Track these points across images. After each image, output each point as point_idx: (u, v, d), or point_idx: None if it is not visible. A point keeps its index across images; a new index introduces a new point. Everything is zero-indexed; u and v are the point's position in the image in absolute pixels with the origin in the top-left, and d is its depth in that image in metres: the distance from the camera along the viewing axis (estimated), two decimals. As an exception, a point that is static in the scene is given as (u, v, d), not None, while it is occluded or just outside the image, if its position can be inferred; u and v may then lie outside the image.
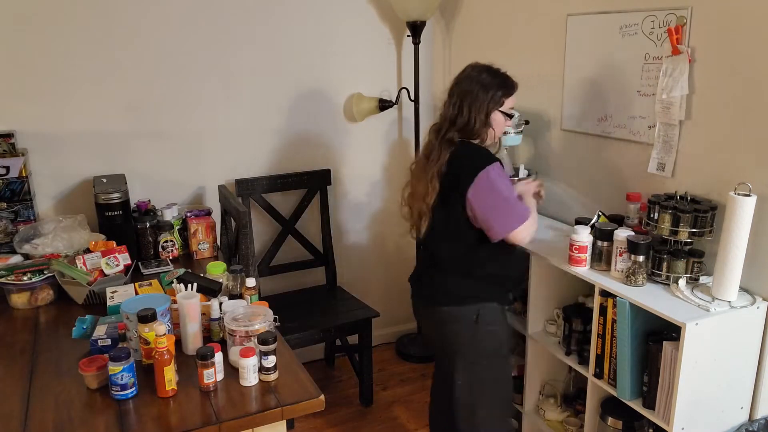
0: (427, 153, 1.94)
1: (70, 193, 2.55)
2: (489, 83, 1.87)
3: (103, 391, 1.52)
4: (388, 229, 3.28)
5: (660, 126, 1.96)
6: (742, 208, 1.61)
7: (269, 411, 1.44)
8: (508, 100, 1.91)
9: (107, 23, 2.46)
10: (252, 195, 2.85)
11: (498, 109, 1.90)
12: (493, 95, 1.87)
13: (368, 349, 2.77)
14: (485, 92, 1.86)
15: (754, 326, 1.71)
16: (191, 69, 2.65)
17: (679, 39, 1.85)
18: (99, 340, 1.66)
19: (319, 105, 2.95)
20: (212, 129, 2.75)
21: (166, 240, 2.45)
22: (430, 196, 1.88)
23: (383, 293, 3.33)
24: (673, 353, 1.64)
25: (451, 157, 1.87)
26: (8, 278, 2.02)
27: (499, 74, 1.91)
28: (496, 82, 1.88)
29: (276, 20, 2.76)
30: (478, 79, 1.88)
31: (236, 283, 1.86)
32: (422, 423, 2.72)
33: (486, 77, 1.88)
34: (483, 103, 1.86)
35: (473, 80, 1.88)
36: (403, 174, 3.21)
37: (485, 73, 1.89)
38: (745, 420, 1.78)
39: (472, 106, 1.86)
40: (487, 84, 1.87)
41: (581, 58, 2.27)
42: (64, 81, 2.45)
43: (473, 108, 1.86)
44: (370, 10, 2.96)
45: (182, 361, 1.62)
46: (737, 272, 1.66)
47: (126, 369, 1.47)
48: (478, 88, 1.86)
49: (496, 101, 1.88)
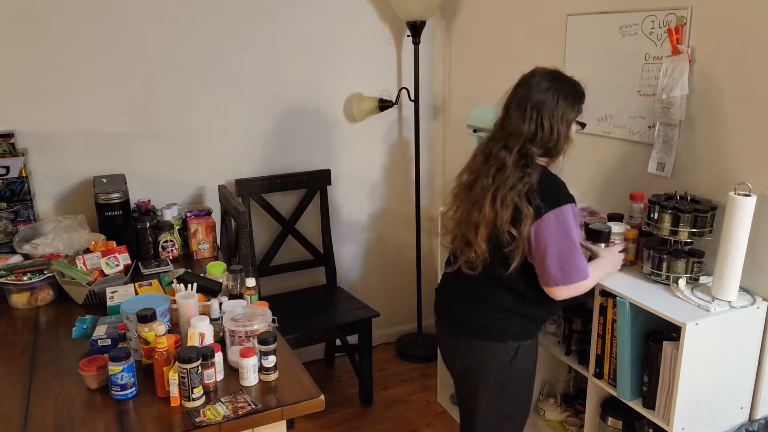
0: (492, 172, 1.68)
1: (70, 193, 2.55)
2: (567, 92, 1.68)
3: (103, 391, 1.53)
4: (388, 229, 3.28)
5: (660, 126, 1.96)
6: (742, 208, 1.60)
7: (269, 411, 1.44)
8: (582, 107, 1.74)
9: (107, 23, 2.46)
10: (252, 195, 2.85)
11: (576, 120, 1.72)
12: (573, 104, 1.68)
13: (368, 349, 2.77)
14: (566, 102, 1.66)
15: (754, 326, 1.71)
16: (191, 69, 2.65)
17: (679, 39, 1.85)
18: (99, 340, 1.66)
19: (320, 105, 2.95)
20: (212, 129, 2.75)
21: (166, 240, 2.45)
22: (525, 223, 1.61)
23: (383, 293, 3.33)
24: (673, 353, 1.64)
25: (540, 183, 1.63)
26: (8, 278, 2.02)
27: (572, 81, 1.71)
28: (572, 90, 1.69)
29: (276, 20, 2.76)
30: (557, 89, 1.67)
31: (236, 283, 1.86)
32: (422, 423, 2.72)
33: (563, 86, 1.68)
34: (565, 114, 1.66)
35: (549, 90, 1.66)
36: (403, 174, 3.22)
37: (559, 81, 1.69)
38: (745, 420, 1.78)
39: (553, 119, 1.65)
40: (566, 94, 1.67)
41: (581, 58, 2.27)
42: (64, 81, 2.45)
43: (554, 120, 1.65)
44: (370, 10, 2.96)
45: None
46: (737, 272, 1.66)
47: (126, 369, 1.47)
48: (558, 98, 1.65)
49: (577, 111, 1.71)
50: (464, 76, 3.02)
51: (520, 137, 1.66)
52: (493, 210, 1.64)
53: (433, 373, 3.02)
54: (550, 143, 1.67)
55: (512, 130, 1.68)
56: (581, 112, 1.73)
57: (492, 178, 1.67)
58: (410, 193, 3.26)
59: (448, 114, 3.20)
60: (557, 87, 1.67)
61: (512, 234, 1.62)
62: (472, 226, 1.69)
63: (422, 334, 3.35)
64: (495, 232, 1.65)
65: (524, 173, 1.63)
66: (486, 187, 1.67)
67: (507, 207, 1.62)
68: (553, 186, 1.66)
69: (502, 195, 1.63)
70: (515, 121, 1.68)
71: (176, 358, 1.43)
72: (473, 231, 1.69)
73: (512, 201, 1.62)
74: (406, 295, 3.39)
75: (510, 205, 1.62)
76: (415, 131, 3.06)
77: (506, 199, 1.62)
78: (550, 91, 1.66)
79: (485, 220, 1.65)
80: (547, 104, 1.65)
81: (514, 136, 1.67)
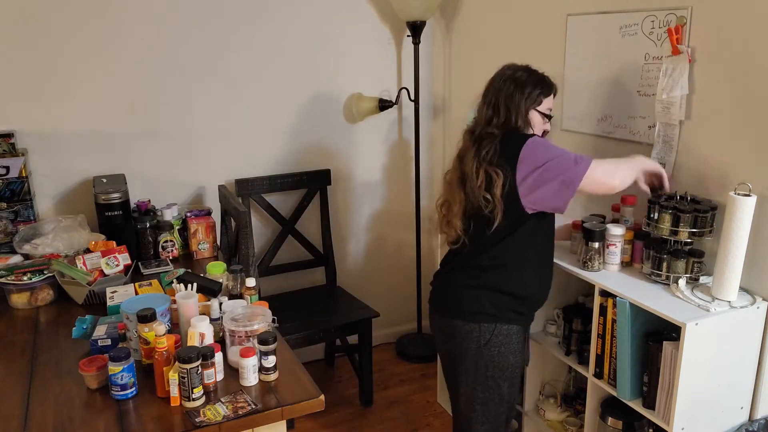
0: (461, 155, 1.82)
1: (70, 193, 2.55)
2: (525, 81, 1.78)
3: (103, 391, 1.53)
4: (388, 229, 3.28)
5: (660, 126, 1.96)
6: (742, 208, 1.60)
7: (269, 411, 1.44)
8: (546, 99, 1.81)
9: (107, 23, 2.46)
10: (252, 195, 2.85)
11: (535, 108, 1.79)
12: (530, 93, 1.77)
13: (368, 349, 2.77)
14: (521, 90, 1.76)
15: (754, 326, 1.71)
16: (191, 69, 2.65)
17: (679, 39, 1.85)
18: (99, 340, 1.66)
19: (319, 105, 2.95)
20: (212, 129, 2.75)
21: (166, 240, 2.45)
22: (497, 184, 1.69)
23: (383, 293, 3.33)
24: (673, 353, 1.64)
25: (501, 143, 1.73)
26: (8, 278, 2.02)
27: (537, 73, 1.81)
28: (533, 80, 1.79)
29: (276, 20, 2.76)
30: (514, 77, 1.78)
31: (236, 283, 1.86)
32: (422, 423, 2.72)
33: (522, 75, 1.79)
34: (520, 101, 1.76)
35: (508, 78, 1.78)
36: (403, 174, 3.22)
37: (521, 71, 1.80)
38: (745, 420, 1.78)
39: (510, 105, 1.76)
40: (523, 81, 1.77)
41: (581, 58, 2.27)
42: (64, 81, 2.45)
43: (510, 106, 1.76)
44: (370, 10, 2.96)
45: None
46: (737, 272, 1.66)
47: (126, 369, 1.47)
48: (513, 86, 1.76)
49: (533, 99, 1.78)
50: (464, 76, 3.02)
51: (481, 122, 1.80)
52: (462, 186, 1.77)
53: (433, 373, 3.02)
54: (507, 127, 1.76)
55: (483, 118, 1.81)
56: (540, 102, 1.80)
57: (460, 160, 1.81)
58: (410, 193, 3.26)
59: (448, 114, 3.20)
60: (516, 77, 1.78)
61: (486, 198, 1.71)
62: (450, 207, 1.83)
63: (422, 334, 3.35)
64: (470, 205, 1.76)
65: (482, 145, 1.74)
66: (455, 169, 1.83)
67: (477, 176, 1.72)
68: (514, 135, 1.75)
69: (468, 169, 1.75)
70: (479, 109, 1.83)
71: (176, 358, 1.43)
72: (450, 211, 1.83)
73: (479, 169, 1.72)
74: (406, 295, 3.39)
75: (480, 174, 1.72)
76: (415, 131, 3.06)
77: (472, 171, 1.73)
78: (508, 81, 1.78)
79: (458, 198, 1.79)
80: (504, 91, 1.77)
81: (478, 123, 1.82)
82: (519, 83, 1.77)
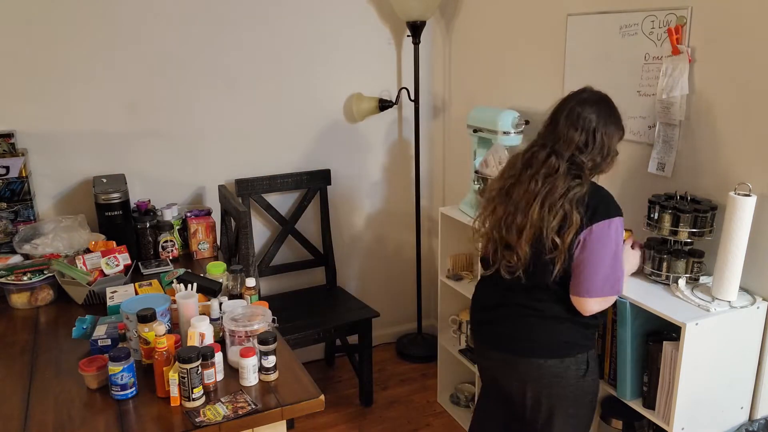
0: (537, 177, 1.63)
1: (70, 193, 2.55)
2: (616, 116, 1.68)
3: (103, 391, 1.53)
4: (388, 229, 3.28)
5: (660, 126, 1.96)
6: (742, 208, 1.61)
7: (269, 411, 1.44)
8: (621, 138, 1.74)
9: (107, 23, 2.46)
10: (252, 195, 2.85)
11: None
12: (618, 128, 1.69)
13: (368, 349, 2.77)
14: (615, 124, 1.67)
15: (754, 326, 1.71)
16: (191, 69, 2.65)
17: (679, 39, 1.85)
18: (99, 340, 1.66)
19: (319, 105, 2.95)
20: (212, 129, 2.75)
21: (166, 240, 2.45)
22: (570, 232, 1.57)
23: (383, 293, 3.33)
24: (673, 353, 1.64)
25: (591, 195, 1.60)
26: (8, 278, 2.02)
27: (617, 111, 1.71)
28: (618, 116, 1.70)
29: (276, 20, 2.76)
30: (610, 110, 1.67)
31: (236, 283, 1.86)
32: (422, 423, 2.72)
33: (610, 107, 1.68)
34: (612, 134, 1.66)
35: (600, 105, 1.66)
36: (403, 174, 3.22)
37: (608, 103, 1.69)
38: (745, 420, 1.78)
39: (605, 135, 1.64)
40: (616, 116, 1.68)
41: (581, 58, 2.27)
42: (64, 81, 2.45)
43: (605, 136, 1.64)
44: (370, 10, 2.96)
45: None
46: (737, 272, 1.66)
47: (126, 369, 1.47)
48: (607, 117, 1.66)
49: (619, 137, 1.70)
50: (464, 76, 3.02)
51: (570, 145, 1.63)
52: (541, 215, 1.59)
53: (433, 373, 3.02)
54: (598, 157, 1.65)
55: (561, 136, 1.65)
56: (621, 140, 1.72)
57: (540, 182, 1.62)
58: (410, 193, 3.26)
59: (448, 114, 3.20)
60: (607, 107, 1.67)
61: (555, 242, 1.59)
62: (515, 230, 1.64)
63: (422, 334, 3.35)
64: (539, 237, 1.61)
65: (575, 183, 1.60)
66: (532, 191, 1.62)
67: (556, 214, 1.58)
68: (604, 196, 1.64)
69: (551, 201, 1.59)
70: (565, 130, 1.65)
71: (176, 358, 1.43)
72: (516, 234, 1.64)
73: (562, 208, 1.58)
74: (406, 295, 3.39)
75: (559, 212, 1.58)
76: (415, 131, 3.06)
77: (555, 206, 1.58)
78: (602, 107, 1.66)
79: (532, 223, 1.61)
80: (600, 119, 1.64)
81: (564, 144, 1.64)
82: (614, 117, 1.68)
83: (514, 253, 1.65)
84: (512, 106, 2.53)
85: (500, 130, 2.34)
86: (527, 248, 1.62)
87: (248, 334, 1.59)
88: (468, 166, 2.73)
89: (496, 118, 2.35)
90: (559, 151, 1.64)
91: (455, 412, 2.77)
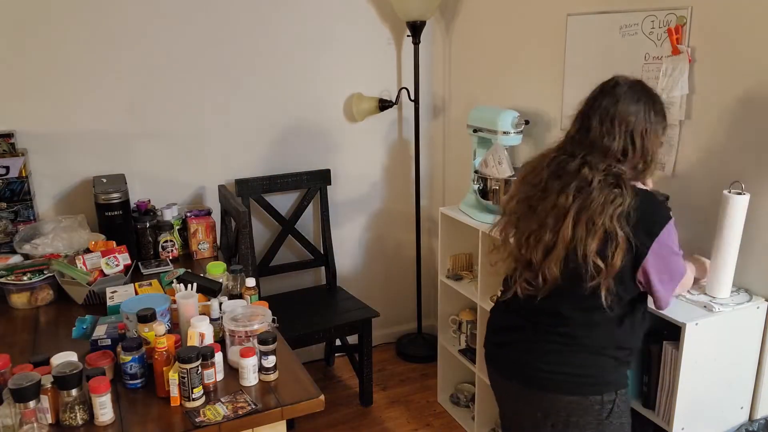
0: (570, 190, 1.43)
1: (70, 193, 2.55)
2: (658, 107, 1.47)
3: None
4: (388, 229, 3.28)
5: (660, 126, 1.96)
6: (735, 206, 1.61)
7: (269, 411, 1.44)
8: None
9: (107, 23, 2.46)
10: (252, 195, 2.85)
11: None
12: (663, 120, 1.48)
13: (368, 349, 2.78)
14: (657, 118, 1.46)
15: (754, 326, 1.71)
16: (191, 69, 2.65)
17: (679, 39, 1.85)
18: (99, 340, 1.66)
19: (319, 105, 2.95)
20: (212, 129, 2.75)
21: (166, 240, 2.45)
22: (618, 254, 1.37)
23: (383, 293, 3.33)
24: (673, 353, 1.64)
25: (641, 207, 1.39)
26: (8, 278, 2.02)
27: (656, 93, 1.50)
28: (660, 103, 1.48)
29: (276, 20, 2.76)
30: (645, 101, 1.45)
31: (236, 283, 1.86)
32: (422, 423, 2.72)
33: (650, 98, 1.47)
34: (656, 132, 1.46)
35: (640, 102, 1.45)
36: (403, 174, 3.22)
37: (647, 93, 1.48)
38: (745, 420, 1.78)
39: (646, 137, 1.44)
40: (657, 108, 1.47)
41: (581, 58, 2.27)
42: (64, 81, 2.45)
43: (646, 139, 1.44)
44: (370, 10, 2.96)
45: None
46: (730, 270, 1.67)
47: (135, 359, 1.49)
48: (650, 113, 1.45)
49: (665, 128, 1.50)
50: (464, 76, 3.02)
51: (605, 154, 1.44)
52: (574, 233, 1.40)
53: (433, 373, 3.02)
54: (640, 164, 1.46)
55: (595, 145, 1.45)
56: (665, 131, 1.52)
57: (572, 197, 1.41)
58: (410, 193, 3.26)
59: (448, 114, 3.20)
60: (647, 100, 1.46)
61: (598, 265, 1.39)
62: (541, 248, 1.45)
63: (422, 334, 3.35)
64: (573, 258, 1.42)
65: (615, 194, 1.39)
66: (562, 206, 1.42)
67: (595, 233, 1.38)
68: (656, 204, 1.44)
69: (587, 217, 1.39)
70: (598, 136, 1.45)
71: (176, 358, 1.43)
72: (541, 253, 1.45)
73: (602, 226, 1.37)
74: (406, 295, 3.39)
75: (599, 231, 1.37)
76: (415, 131, 3.06)
77: (593, 224, 1.38)
78: (641, 103, 1.44)
79: (563, 243, 1.41)
80: (639, 120, 1.43)
81: (598, 153, 1.44)
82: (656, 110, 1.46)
83: (538, 274, 1.46)
84: (512, 106, 2.53)
85: (500, 130, 2.34)
86: (556, 269, 1.43)
87: (248, 334, 1.59)
88: (468, 166, 2.73)
89: (496, 118, 2.35)
90: (592, 162, 1.43)
91: (455, 412, 2.77)
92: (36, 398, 1.31)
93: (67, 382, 1.36)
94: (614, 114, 1.44)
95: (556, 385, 1.49)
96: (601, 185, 1.40)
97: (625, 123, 1.43)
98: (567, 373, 1.48)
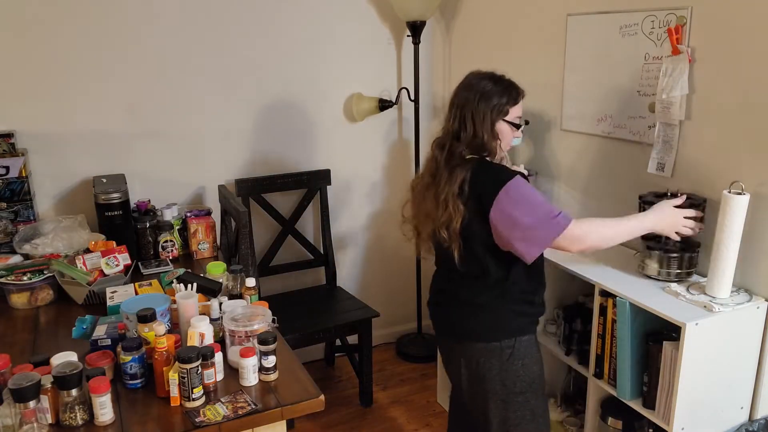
0: (432, 171, 1.74)
1: (70, 193, 2.55)
2: (490, 91, 1.69)
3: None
4: (388, 229, 3.28)
5: (660, 126, 1.96)
6: (735, 206, 1.61)
7: (269, 411, 1.44)
8: (513, 108, 1.73)
9: (107, 23, 2.46)
10: (252, 195, 2.85)
11: (503, 119, 1.71)
12: (497, 104, 1.69)
13: (368, 349, 2.77)
14: (487, 102, 1.68)
15: (754, 326, 1.71)
16: (191, 69, 2.65)
17: (679, 39, 1.85)
18: (99, 340, 1.66)
19: (319, 105, 2.95)
20: (212, 129, 2.75)
21: (166, 240, 2.45)
22: (456, 220, 1.63)
23: (383, 293, 3.33)
24: (673, 353, 1.64)
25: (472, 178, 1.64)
26: (8, 278, 2.02)
27: (502, 81, 1.73)
28: (498, 89, 1.70)
29: (276, 20, 2.76)
30: (478, 88, 1.70)
31: (236, 283, 1.86)
32: (422, 423, 2.72)
33: (487, 85, 1.70)
34: (486, 113, 1.68)
35: (473, 89, 1.70)
36: (403, 174, 3.22)
37: (486, 80, 1.71)
38: (745, 420, 1.78)
39: (475, 118, 1.68)
40: (488, 92, 1.69)
41: (581, 58, 2.27)
42: (64, 81, 2.45)
43: (476, 119, 1.68)
44: (370, 10, 2.96)
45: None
46: (730, 270, 1.67)
47: (135, 359, 1.49)
48: (478, 98, 1.68)
49: (499, 111, 1.70)
50: (464, 76, 3.02)
51: (447, 135, 1.73)
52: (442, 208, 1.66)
53: (433, 373, 3.02)
54: (475, 142, 1.69)
55: (444, 128, 1.76)
56: (507, 112, 1.72)
57: (432, 176, 1.73)
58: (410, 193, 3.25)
59: (448, 114, 3.20)
60: (481, 87, 1.70)
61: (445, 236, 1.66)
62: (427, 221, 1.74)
63: (422, 334, 3.35)
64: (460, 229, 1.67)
65: (453, 172, 1.66)
66: (427, 185, 1.74)
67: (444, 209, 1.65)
68: (490, 172, 1.66)
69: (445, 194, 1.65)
70: (445, 120, 1.76)
71: (176, 358, 1.43)
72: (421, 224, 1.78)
73: (445, 201, 1.65)
74: (406, 295, 3.39)
75: (444, 205, 1.65)
76: (415, 131, 3.06)
77: (440, 199, 1.66)
78: (473, 91, 1.70)
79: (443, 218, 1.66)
80: (468, 104, 1.69)
81: (444, 135, 1.75)
82: (484, 94, 1.69)
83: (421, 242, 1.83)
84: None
85: (500, 130, 2.34)
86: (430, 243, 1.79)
87: (248, 334, 1.59)
88: (468, 166, 2.73)
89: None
90: (441, 141, 1.73)
91: (455, 412, 2.77)
92: (36, 398, 1.32)
93: (67, 382, 1.35)
94: (454, 100, 1.74)
95: (467, 335, 1.76)
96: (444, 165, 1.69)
97: (459, 107, 1.71)
98: (472, 326, 1.75)
